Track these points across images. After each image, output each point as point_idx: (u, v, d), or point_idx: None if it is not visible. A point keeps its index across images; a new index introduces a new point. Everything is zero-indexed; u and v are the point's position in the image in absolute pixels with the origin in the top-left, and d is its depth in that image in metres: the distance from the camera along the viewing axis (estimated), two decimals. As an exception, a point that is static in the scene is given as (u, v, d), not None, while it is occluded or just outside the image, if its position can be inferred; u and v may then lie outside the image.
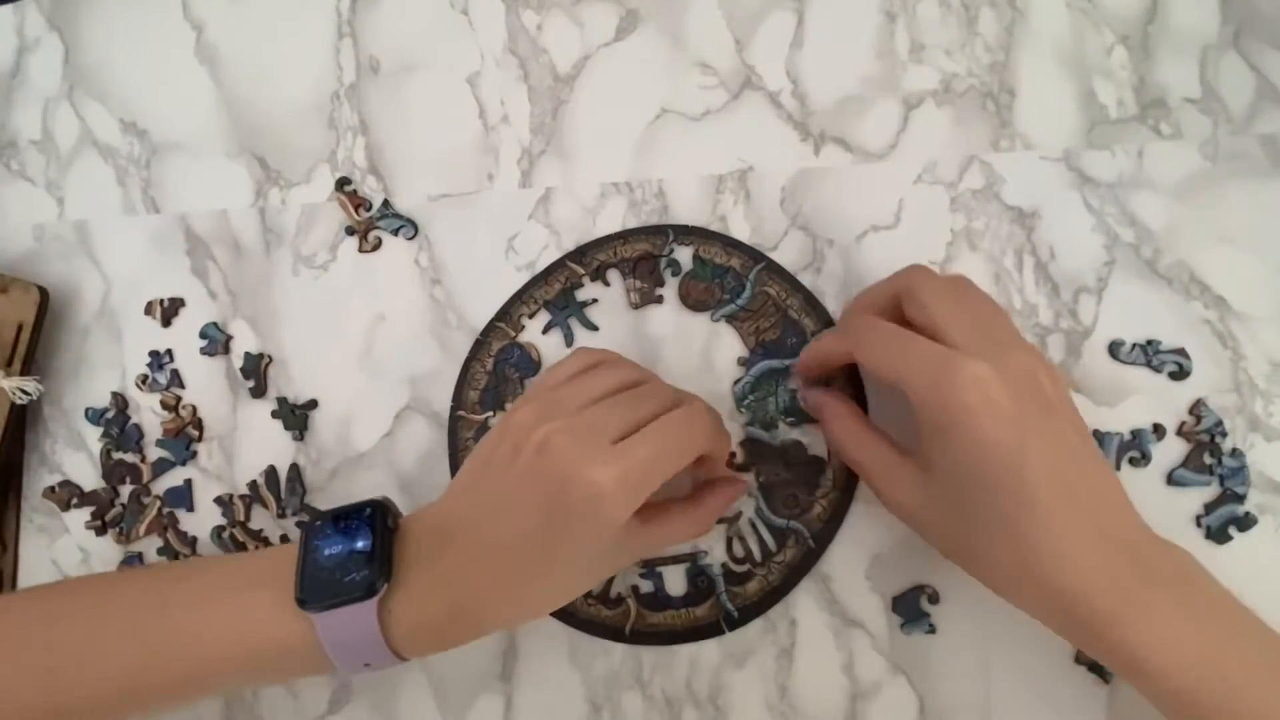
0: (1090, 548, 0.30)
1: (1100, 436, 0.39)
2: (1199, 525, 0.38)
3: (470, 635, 0.35)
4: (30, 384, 0.45)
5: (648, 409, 0.34)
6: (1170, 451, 0.39)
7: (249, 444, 0.45)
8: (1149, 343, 0.40)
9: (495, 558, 0.33)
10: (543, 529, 0.32)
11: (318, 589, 0.32)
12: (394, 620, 0.33)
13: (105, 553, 0.45)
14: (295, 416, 0.44)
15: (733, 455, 0.41)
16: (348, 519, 0.34)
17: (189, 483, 0.45)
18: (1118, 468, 0.39)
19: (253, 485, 0.44)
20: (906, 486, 0.35)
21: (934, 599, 0.39)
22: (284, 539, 0.44)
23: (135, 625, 0.34)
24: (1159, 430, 0.39)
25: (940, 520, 0.34)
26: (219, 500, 0.44)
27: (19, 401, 0.44)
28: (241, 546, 0.44)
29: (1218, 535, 0.38)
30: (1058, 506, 0.30)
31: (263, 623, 0.33)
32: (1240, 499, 0.38)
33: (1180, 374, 0.40)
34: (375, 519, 0.34)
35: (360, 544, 0.33)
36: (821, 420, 0.39)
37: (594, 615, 0.41)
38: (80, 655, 0.33)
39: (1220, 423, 0.39)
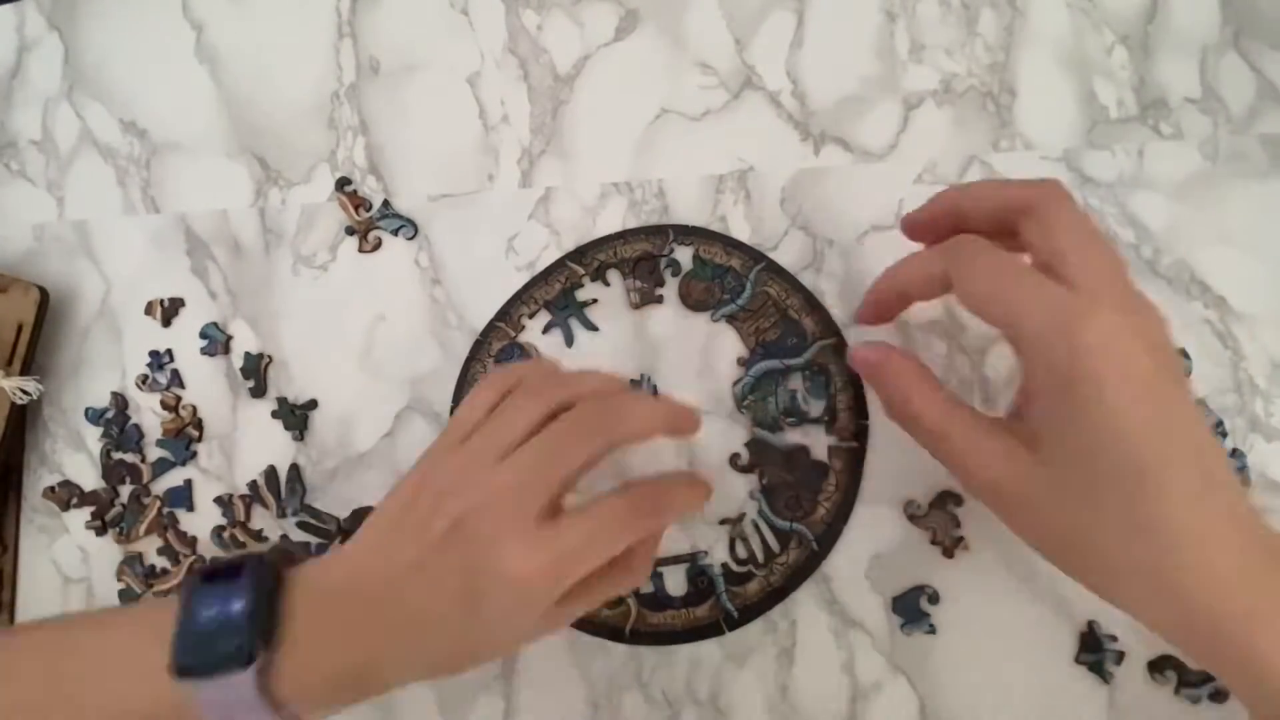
0: (1229, 540, 0.26)
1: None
2: (1199, 525, 0.38)
3: (371, 694, 0.32)
4: (30, 384, 0.45)
5: (578, 454, 0.31)
6: (1170, 451, 0.39)
7: (249, 444, 0.45)
8: (1149, 343, 0.40)
9: (409, 625, 0.31)
10: (461, 610, 0.30)
11: (194, 657, 0.30)
12: (286, 681, 0.30)
13: (105, 553, 0.45)
14: (295, 416, 0.44)
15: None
16: (228, 576, 0.31)
17: (189, 483, 0.45)
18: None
19: (253, 485, 0.44)
20: (1004, 463, 0.30)
21: (934, 599, 0.39)
22: (284, 538, 0.44)
23: (28, 700, 0.32)
24: (1159, 430, 0.39)
25: (1046, 505, 0.29)
26: (219, 500, 0.44)
27: (19, 401, 0.44)
28: (241, 546, 0.44)
29: (1218, 535, 0.38)
30: (1199, 496, 0.26)
31: (146, 695, 0.30)
32: (1240, 499, 0.38)
33: (1180, 374, 0.40)
34: (256, 575, 0.31)
35: (236, 606, 0.30)
36: (881, 380, 0.34)
37: (594, 615, 0.41)
38: None
39: (1220, 423, 0.39)
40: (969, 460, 0.31)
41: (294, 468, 0.44)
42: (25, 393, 0.44)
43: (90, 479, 0.46)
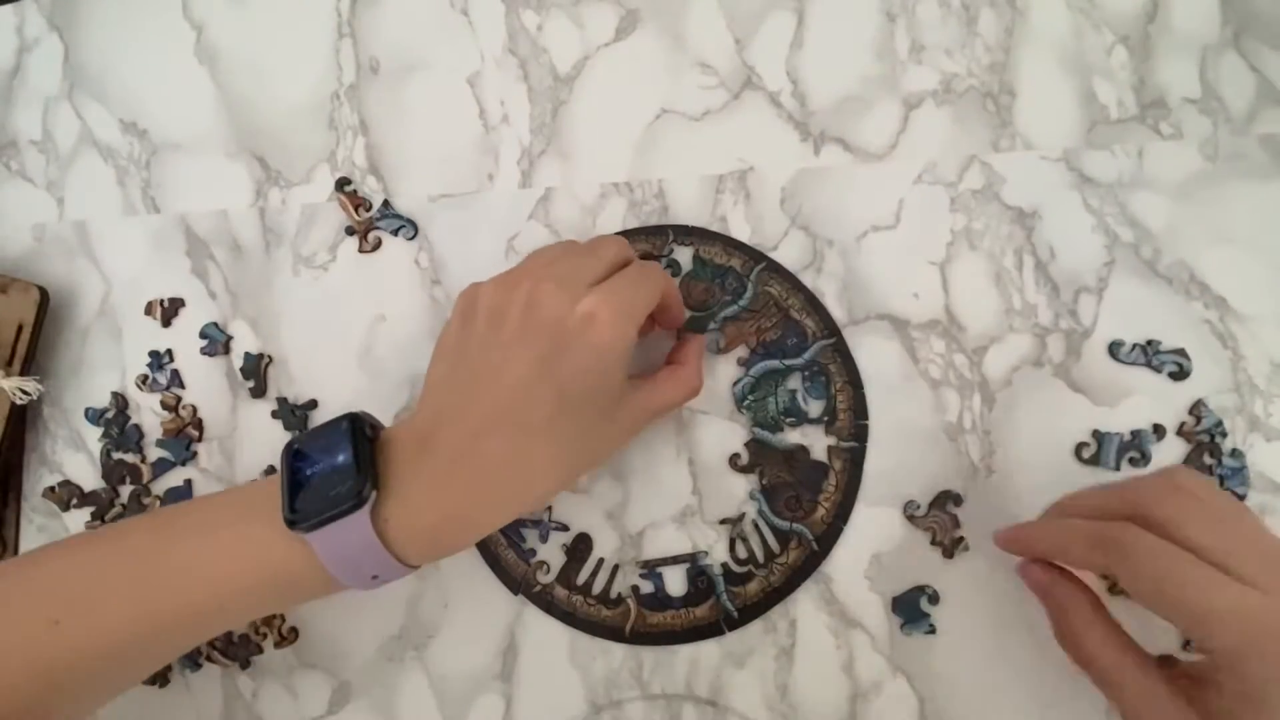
0: None
1: (1100, 437, 0.39)
2: (1199, 525, 0.38)
3: (482, 527, 0.34)
4: (30, 384, 0.45)
5: (609, 256, 0.36)
6: (1170, 452, 0.39)
7: (249, 444, 0.45)
8: (1149, 343, 0.40)
9: (500, 438, 0.32)
10: (546, 376, 0.32)
11: (306, 508, 0.32)
12: (393, 527, 0.32)
13: (105, 553, 0.45)
14: (295, 416, 0.44)
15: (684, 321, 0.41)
16: (325, 437, 0.33)
17: (189, 483, 0.45)
18: (1117, 468, 0.39)
19: (253, 485, 0.44)
20: (1176, 711, 0.30)
21: (934, 599, 0.39)
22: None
23: (138, 569, 0.33)
24: (1159, 431, 0.39)
25: None
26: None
27: (19, 401, 0.44)
28: (241, 546, 0.44)
29: (1218, 535, 0.38)
30: None
31: (262, 549, 0.32)
32: (1240, 499, 0.38)
33: (1180, 374, 0.40)
34: (352, 433, 0.33)
35: (341, 458, 0.32)
36: (1050, 606, 0.34)
37: (594, 615, 0.41)
38: (86, 603, 0.33)
39: (1220, 423, 0.39)
40: (1143, 715, 0.31)
41: (294, 468, 0.44)
42: (25, 393, 0.44)
43: (90, 479, 0.46)
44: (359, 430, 0.33)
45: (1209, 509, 0.30)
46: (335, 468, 0.32)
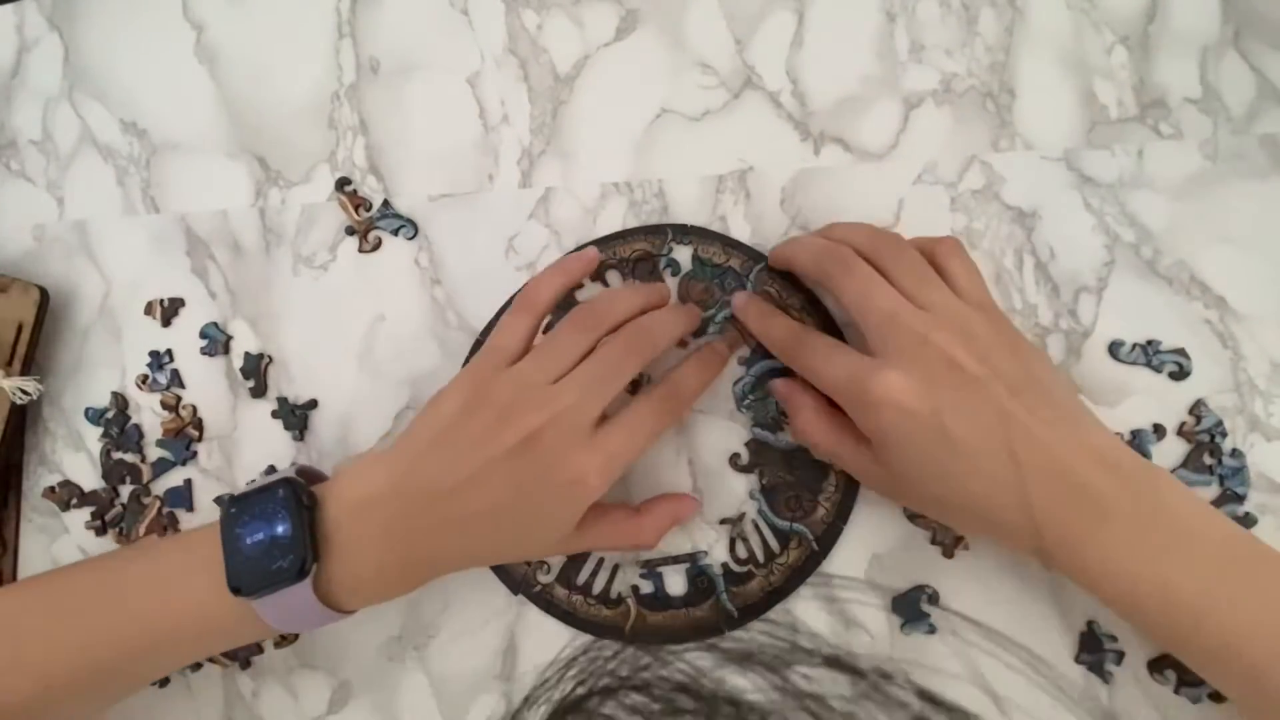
0: (1040, 496, 0.32)
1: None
2: (1199, 525, 0.38)
3: (418, 585, 0.37)
4: (30, 384, 0.45)
5: (626, 373, 0.36)
6: (1170, 452, 0.39)
7: (249, 444, 0.45)
8: (1149, 343, 0.40)
9: (460, 526, 0.35)
10: (518, 504, 0.34)
11: (249, 579, 0.34)
12: (335, 586, 0.35)
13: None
14: (295, 416, 0.44)
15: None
16: (263, 503, 0.35)
17: (189, 483, 0.45)
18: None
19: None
20: (874, 476, 0.37)
21: (934, 599, 0.39)
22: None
23: (94, 614, 0.36)
24: (1159, 430, 0.39)
25: (911, 496, 0.37)
26: (219, 500, 0.45)
27: (19, 401, 0.44)
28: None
29: (1218, 535, 0.38)
30: (997, 469, 0.32)
31: (206, 606, 0.35)
32: (1240, 499, 0.38)
33: (1180, 374, 0.40)
34: (293, 497, 0.34)
35: (280, 529, 0.34)
36: (790, 412, 0.40)
37: (594, 615, 0.41)
38: (44, 646, 0.35)
39: (1220, 423, 0.39)
40: (853, 471, 0.38)
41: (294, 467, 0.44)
42: (25, 393, 0.44)
43: (90, 479, 0.46)
44: (298, 498, 0.34)
45: (863, 276, 0.36)
46: (275, 539, 0.34)
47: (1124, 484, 0.32)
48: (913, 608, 0.39)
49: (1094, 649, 0.38)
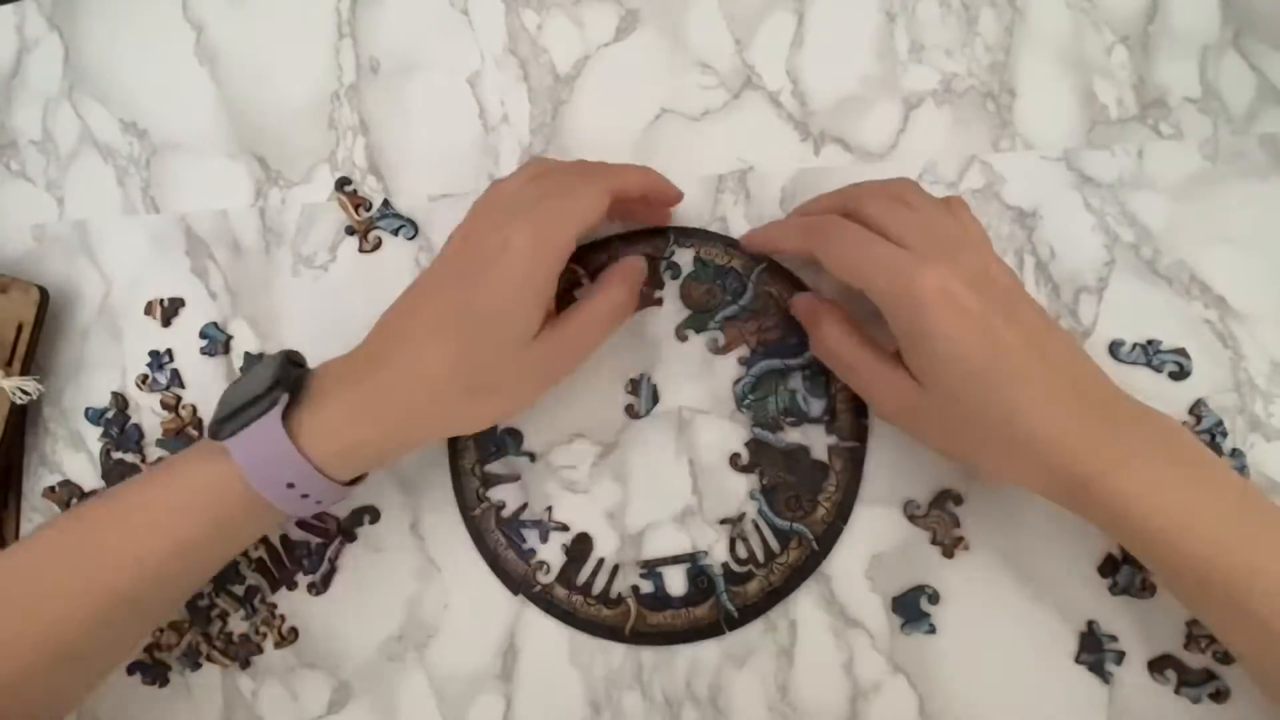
0: (1071, 408, 0.32)
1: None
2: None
3: (394, 438, 0.37)
4: (30, 384, 0.45)
5: (561, 176, 0.37)
6: (1170, 451, 0.39)
7: (249, 444, 0.45)
8: (1149, 343, 0.40)
9: (406, 342, 0.36)
10: (457, 292, 0.35)
11: (226, 412, 0.35)
12: (307, 431, 0.35)
13: (105, 553, 0.45)
14: (295, 416, 0.44)
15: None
16: (259, 364, 0.37)
17: (189, 483, 0.45)
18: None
19: (253, 485, 0.44)
20: (899, 392, 0.35)
21: (934, 599, 0.39)
22: (284, 538, 0.44)
23: (97, 524, 0.36)
24: (1159, 430, 0.39)
25: (934, 418, 0.35)
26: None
27: (19, 401, 0.44)
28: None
29: (1218, 535, 0.38)
30: (1036, 373, 0.32)
31: (193, 471, 0.36)
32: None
33: (1180, 374, 0.40)
34: (282, 355, 0.37)
35: (264, 372, 0.35)
36: (811, 326, 0.39)
37: (594, 615, 0.41)
38: (57, 575, 0.35)
39: (1220, 423, 0.39)
40: (873, 391, 0.37)
41: (294, 468, 0.44)
42: (25, 392, 0.44)
43: (90, 479, 0.46)
44: (287, 357, 0.37)
45: (884, 202, 0.35)
46: (257, 383, 0.35)
47: (1145, 419, 0.33)
48: (913, 608, 0.39)
49: (1094, 649, 0.38)
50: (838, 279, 0.35)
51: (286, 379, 0.35)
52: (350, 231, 0.46)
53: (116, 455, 0.46)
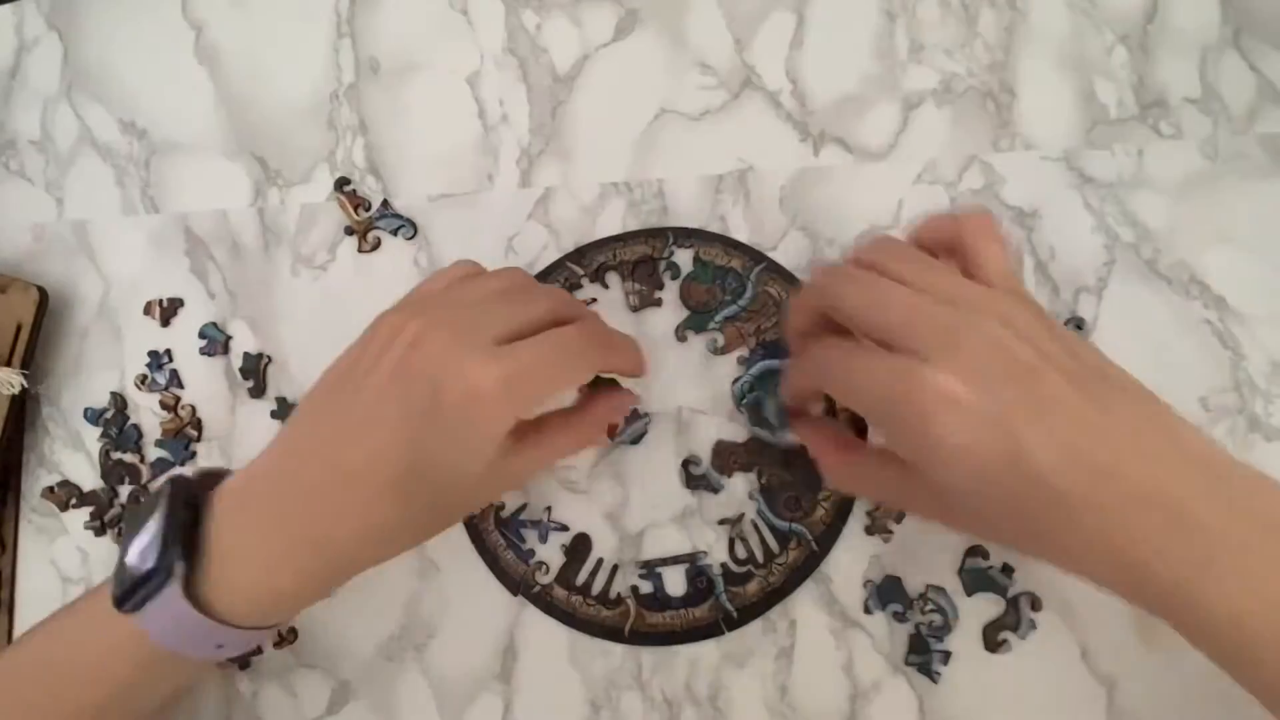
0: (1130, 522, 0.26)
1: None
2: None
3: (318, 583, 0.32)
4: (15, 376, 0.44)
5: (538, 311, 0.31)
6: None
7: (248, 444, 0.45)
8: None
9: (352, 481, 0.29)
10: (404, 439, 0.29)
11: (124, 586, 0.30)
12: (223, 592, 0.30)
13: (104, 553, 0.45)
14: (295, 417, 0.44)
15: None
16: (144, 507, 0.31)
17: (188, 483, 0.45)
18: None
19: (252, 485, 0.44)
20: (929, 505, 0.31)
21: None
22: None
23: (19, 679, 0.34)
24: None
25: (976, 523, 0.30)
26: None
27: (5, 392, 0.44)
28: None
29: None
30: (1083, 489, 0.26)
31: (102, 634, 0.32)
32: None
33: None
34: (170, 494, 0.31)
35: (153, 528, 0.30)
36: (817, 459, 0.36)
37: (594, 615, 0.41)
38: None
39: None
40: (908, 508, 0.37)
41: (293, 468, 0.44)
42: (10, 385, 0.44)
43: (89, 479, 0.46)
44: (174, 494, 0.31)
45: (858, 291, 0.30)
46: (148, 541, 0.30)
47: (1233, 503, 0.26)
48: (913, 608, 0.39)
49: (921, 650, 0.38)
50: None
51: (179, 535, 0.30)
52: (349, 231, 0.46)
53: (115, 455, 0.46)
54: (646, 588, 0.41)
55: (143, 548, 0.30)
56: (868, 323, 0.29)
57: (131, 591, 0.30)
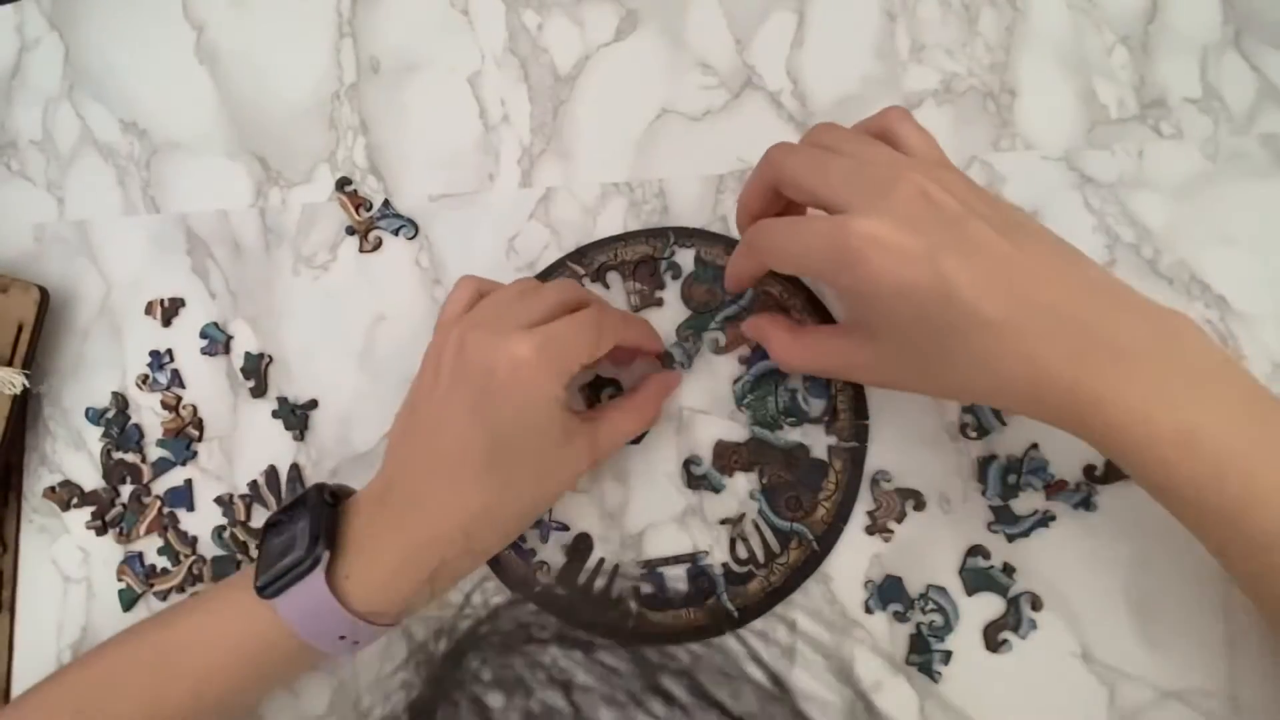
0: (1049, 338, 0.29)
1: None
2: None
3: (440, 576, 0.36)
4: (17, 376, 0.44)
5: (554, 300, 0.35)
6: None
7: (249, 444, 0.45)
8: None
9: (445, 477, 0.35)
10: (478, 422, 0.34)
11: (269, 574, 0.34)
12: (353, 583, 0.34)
13: (105, 553, 0.45)
14: (295, 416, 0.44)
15: (670, 360, 0.42)
16: (292, 508, 0.36)
17: (189, 483, 0.45)
18: (1118, 468, 0.39)
19: (253, 485, 0.44)
20: (864, 359, 0.34)
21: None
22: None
23: (143, 654, 0.37)
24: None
25: (907, 371, 0.34)
26: (219, 500, 0.45)
27: (6, 391, 0.44)
28: (242, 546, 0.44)
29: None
30: (1001, 310, 0.29)
31: (241, 619, 0.35)
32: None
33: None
34: (316, 498, 0.36)
35: (301, 524, 0.35)
36: (765, 345, 0.38)
37: (594, 615, 0.41)
38: (105, 691, 0.36)
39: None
40: (842, 371, 0.37)
41: (294, 467, 0.44)
42: (12, 385, 0.44)
43: (90, 479, 0.46)
44: (318, 496, 0.36)
45: (800, 159, 0.33)
46: (295, 534, 0.35)
47: (1141, 324, 0.30)
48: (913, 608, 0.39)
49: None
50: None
51: (326, 528, 0.35)
52: (350, 231, 0.46)
53: (117, 455, 0.46)
54: (647, 588, 0.41)
55: (290, 541, 0.34)
56: (809, 186, 0.32)
57: (277, 578, 0.34)
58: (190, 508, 0.45)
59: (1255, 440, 0.29)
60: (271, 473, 0.44)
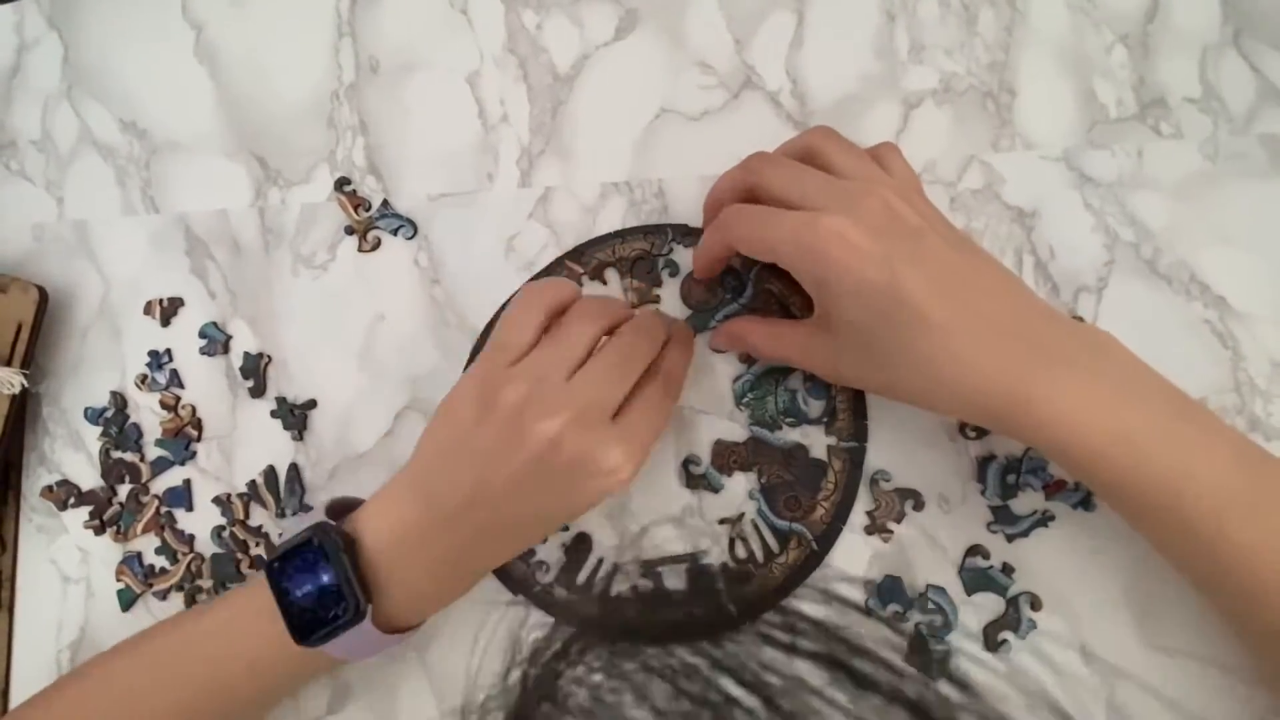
0: (988, 345, 0.32)
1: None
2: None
3: (472, 585, 0.39)
4: (16, 376, 0.44)
5: (634, 367, 0.36)
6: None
7: (248, 444, 0.45)
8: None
9: (503, 530, 0.36)
10: (559, 503, 0.35)
11: (310, 628, 0.35)
12: (394, 614, 0.36)
13: (104, 553, 0.45)
14: (295, 416, 0.44)
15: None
16: (301, 557, 0.35)
17: (188, 482, 0.45)
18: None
19: (252, 485, 0.44)
20: (822, 352, 0.37)
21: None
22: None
23: (168, 668, 0.38)
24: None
25: (858, 366, 0.36)
26: (218, 500, 0.44)
27: (5, 391, 0.44)
28: (241, 545, 0.44)
29: (1218, 535, 0.38)
30: (944, 315, 0.32)
31: (284, 649, 0.35)
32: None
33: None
34: (326, 550, 0.35)
35: (325, 579, 0.34)
36: (742, 346, 0.41)
37: (594, 615, 0.41)
38: (127, 698, 0.37)
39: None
40: (803, 361, 0.38)
41: (293, 468, 0.44)
42: (11, 384, 0.44)
43: (89, 478, 0.46)
44: (334, 544, 0.35)
45: (778, 170, 0.36)
46: (323, 589, 0.34)
47: (1070, 338, 0.33)
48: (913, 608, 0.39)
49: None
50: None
51: (358, 582, 0.35)
52: (350, 231, 0.46)
53: (116, 455, 0.46)
54: (647, 587, 0.41)
55: (319, 596, 0.34)
56: (785, 194, 0.35)
57: (324, 635, 0.34)
58: (189, 508, 0.45)
59: (1180, 434, 0.32)
60: (270, 473, 0.44)
